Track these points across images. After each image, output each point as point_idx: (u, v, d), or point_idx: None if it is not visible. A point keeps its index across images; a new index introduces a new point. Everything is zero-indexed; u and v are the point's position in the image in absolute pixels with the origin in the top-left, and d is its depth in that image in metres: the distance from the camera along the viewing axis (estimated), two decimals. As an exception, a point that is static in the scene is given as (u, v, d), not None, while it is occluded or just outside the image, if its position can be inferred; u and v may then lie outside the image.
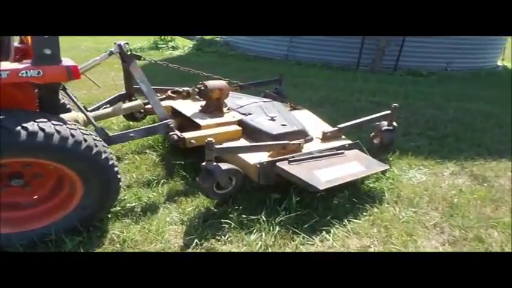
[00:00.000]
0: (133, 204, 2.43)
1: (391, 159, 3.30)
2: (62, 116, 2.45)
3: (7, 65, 1.82)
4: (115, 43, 2.76)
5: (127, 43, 2.64)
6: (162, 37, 10.88)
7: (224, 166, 2.33)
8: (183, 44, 10.87)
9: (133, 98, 3.17)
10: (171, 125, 2.59)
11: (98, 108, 2.97)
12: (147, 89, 2.62)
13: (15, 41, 2.43)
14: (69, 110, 2.88)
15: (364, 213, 2.49)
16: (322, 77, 7.01)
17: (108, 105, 3.02)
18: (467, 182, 3.03)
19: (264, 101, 3.46)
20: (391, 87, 6.38)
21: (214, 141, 2.23)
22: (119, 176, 2.10)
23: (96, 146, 1.94)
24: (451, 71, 8.38)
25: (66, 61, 1.95)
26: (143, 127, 2.61)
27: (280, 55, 9.09)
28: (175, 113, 3.25)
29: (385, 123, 3.29)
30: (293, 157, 2.50)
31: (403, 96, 5.71)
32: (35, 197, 2.10)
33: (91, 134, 2.00)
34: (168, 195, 2.59)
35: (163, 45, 10.55)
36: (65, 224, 2.02)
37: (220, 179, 2.32)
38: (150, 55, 9.44)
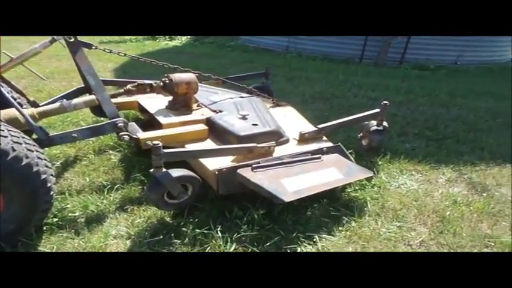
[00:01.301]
0: (76, 214, 2.16)
1: (380, 163, 2.96)
2: (2, 111, 2.21)
3: None
4: None
5: None
6: (161, 28, 10.59)
7: (175, 173, 2.02)
8: (182, 35, 10.57)
9: (93, 92, 2.88)
10: (119, 125, 2.29)
11: (51, 103, 2.69)
12: (94, 82, 2.32)
13: None
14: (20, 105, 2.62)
15: (340, 228, 2.17)
16: (321, 71, 6.62)
17: (64, 100, 2.74)
18: (464, 191, 2.67)
19: (242, 97, 3.14)
20: (393, 81, 5.97)
21: (160, 145, 1.92)
22: (49, 185, 1.82)
23: (14, 150, 1.65)
24: (462, 64, 7.90)
25: None
26: (88, 126, 2.32)
27: (281, 47, 8.72)
28: (142, 109, 2.97)
29: (374, 123, 2.94)
30: (258, 163, 2.18)
31: (405, 91, 5.31)
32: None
33: (13, 136, 1.71)
34: (120, 204, 2.30)
35: (160, 36, 10.26)
36: (-16, 240, 1.76)
37: (171, 188, 2.02)
38: (146, 45, 9.21)
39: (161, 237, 2.01)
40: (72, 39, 2.24)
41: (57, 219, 2.07)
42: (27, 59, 2.53)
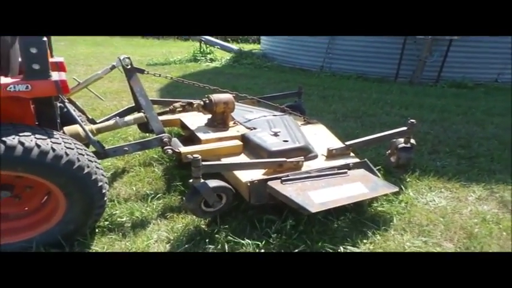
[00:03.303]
0: (124, 219, 2.42)
1: (408, 179, 3.03)
2: (65, 128, 2.55)
3: None
4: (117, 57, 2.81)
5: (128, 57, 2.67)
6: (201, 49, 11.17)
7: (212, 183, 2.24)
8: (221, 56, 11.07)
9: (142, 111, 3.21)
10: (165, 140, 2.56)
11: (106, 120, 3.04)
12: (145, 103, 2.63)
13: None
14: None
15: (365, 241, 2.27)
16: (354, 89, 6.72)
17: (118, 117, 3.08)
18: (495, 209, 2.68)
19: (274, 115, 3.35)
20: (428, 100, 5.95)
21: (200, 158, 2.15)
22: (104, 191, 2.09)
23: (79, 161, 1.94)
24: (502, 82, 7.66)
25: (57, 76, 1.99)
26: (138, 141, 2.61)
27: (316, 66, 8.91)
28: (184, 126, 3.25)
29: (402, 140, 3.02)
30: (287, 176, 2.35)
31: (439, 109, 5.29)
32: (26, 208, 2.16)
33: (77, 148, 2.00)
34: (161, 211, 2.55)
35: (201, 58, 10.81)
36: (47, 238, 2.04)
37: (208, 197, 2.23)
38: (188, 67, 9.73)
39: (198, 241, 2.21)
40: (129, 67, 2.58)
41: (107, 223, 2.35)
42: (91, 83, 2.90)
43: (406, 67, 7.72)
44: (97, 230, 2.28)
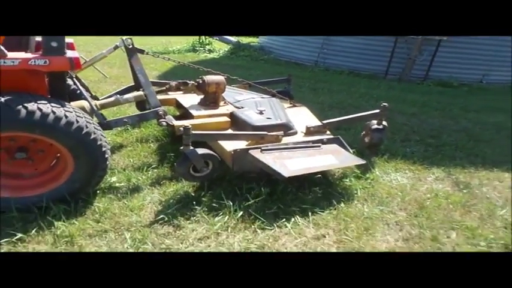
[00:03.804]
0: (122, 184, 2.77)
1: (378, 161, 3.39)
2: (72, 103, 2.89)
3: (20, 55, 2.20)
4: (121, 38, 3.11)
5: (130, 38, 2.98)
6: (200, 40, 11.48)
7: (200, 151, 2.58)
8: (219, 48, 11.38)
9: (141, 89, 3.53)
10: (160, 113, 2.90)
11: (108, 97, 3.37)
12: (144, 80, 2.97)
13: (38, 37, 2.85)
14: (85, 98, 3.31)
15: (331, 207, 2.63)
16: (344, 84, 7.08)
17: (118, 95, 3.41)
18: (448, 187, 3.04)
19: (262, 97, 3.70)
20: (412, 96, 6.31)
21: (190, 126, 2.49)
22: (106, 156, 2.43)
23: (87, 127, 2.28)
24: (487, 83, 8.02)
25: (71, 53, 2.33)
26: (136, 114, 2.97)
27: (311, 61, 9.24)
28: (179, 105, 3.58)
29: (375, 122, 3.37)
30: (266, 146, 2.71)
31: (421, 105, 5.65)
32: (36, 169, 2.51)
33: (85, 118, 2.34)
34: (155, 179, 2.90)
35: (200, 48, 11.13)
36: (56, 195, 2.38)
37: (196, 163, 2.58)
38: (186, 57, 10.04)
39: (186, 203, 2.57)
40: (131, 46, 2.91)
41: (107, 186, 2.70)
42: (96, 61, 3.24)
43: (397, 65, 8.07)
44: (98, 192, 2.62)
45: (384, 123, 3.36)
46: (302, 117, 3.45)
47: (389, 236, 2.39)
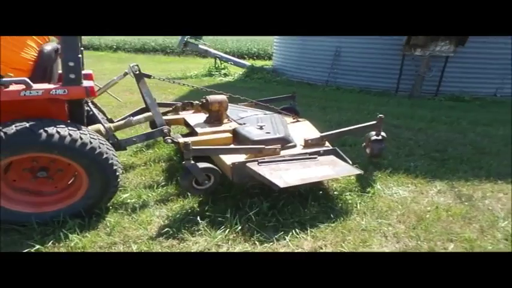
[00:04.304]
0: (133, 200, 2.96)
1: (380, 175, 3.46)
2: (90, 127, 3.14)
3: (43, 86, 2.47)
4: (128, 65, 3.37)
5: (137, 65, 3.22)
6: (216, 65, 11.91)
7: (201, 165, 2.74)
8: (234, 71, 11.75)
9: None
10: (165, 131, 3.11)
11: (122, 120, 3.63)
12: (150, 101, 3.19)
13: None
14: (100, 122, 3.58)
15: (329, 220, 2.72)
16: (354, 102, 7.17)
17: (130, 117, 3.66)
18: (449, 200, 3.08)
19: (265, 114, 3.87)
20: (421, 111, 6.34)
21: (190, 142, 2.67)
22: (118, 174, 2.64)
23: (99, 148, 2.50)
24: (502, 96, 7.94)
25: (87, 83, 2.59)
26: (143, 133, 3.19)
27: (322, 81, 9.42)
28: (186, 124, 3.79)
29: (374, 133, 3.46)
30: (263, 159, 2.85)
31: (429, 120, 5.68)
32: (56, 187, 2.73)
33: (99, 139, 2.56)
34: (163, 196, 3.08)
35: (216, 73, 11.52)
36: (72, 210, 2.59)
37: (198, 176, 2.74)
38: (203, 81, 10.41)
39: (191, 217, 2.72)
40: (137, 72, 3.16)
41: (119, 202, 2.89)
42: (109, 87, 3.51)
43: (408, 81, 8.12)
44: (110, 207, 2.82)
45: (383, 134, 3.45)
46: (303, 131, 3.58)
47: (386, 247, 2.46)
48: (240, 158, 2.92)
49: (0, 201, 2.44)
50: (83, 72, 3.02)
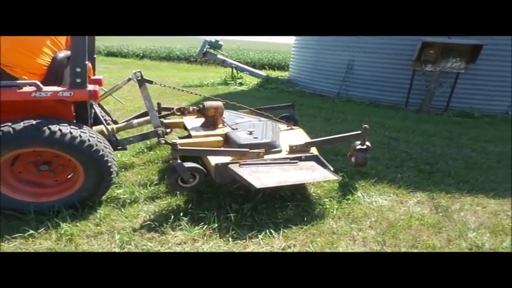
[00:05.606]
0: (125, 196, 3.22)
1: (363, 184, 3.59)
2: (95, 127, 3.45)
3: (52, 88, 2.77)
4: (133, 72, 3.66)
5: (139, 71, 3.50)
6: (232, 75, 12.26)
7: (187, 164, 2.97)
8: (250, 81, 12.06)
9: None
10: (159, 132, 3.38)
11: (125, 122, 3.94)
12: (148, 105, 3.46)
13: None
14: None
15: (303, 223, 2.88)
16: (360, 114, 7.27)
17: (133, 120, 3.95)
18: (425, 210, 3.17)
19: (260, 120, 4.08)
20: (424, 126, 6.38)
21: (178, 142, 2.91)
22: (112, 170, 2.90)
23: (97, 146, 2.78)
24: (514, 114, 7.83)
25: (91, 87, 2.88)
26: (138, 134, 3.48)
27: (333, 93, 9.56)
28: (185, 127, 4.04)
29: (358, 142, 3.58)
30: (245, 161, 3.05)
31: (429, 134, 5.72)
32: (56, 180, 3.03)
33: (97, 138, 2.83)
34: (154, 193, 3.32)
35: (231, 82, 11.87)
36: (68, 202, 2.85)
37: (183, 175, 2.97)
38: (217, 89, 10.76)
39: (175, 213, 2.95)
40: (139, 78, 3.45)
41: (112, 197, 3.16)
42: (114, 91, 3.83)
43: (418, 96, 8.15)
44: (103, 201, 3.08)
45: (368, 143, 3.58)
46: (294, 138, 3.75)
47: (351, 250, 2.60)
48: (225, 159, 3.13)
49: (0, 188, 2.72)
50: (95, 77, 3.35)
